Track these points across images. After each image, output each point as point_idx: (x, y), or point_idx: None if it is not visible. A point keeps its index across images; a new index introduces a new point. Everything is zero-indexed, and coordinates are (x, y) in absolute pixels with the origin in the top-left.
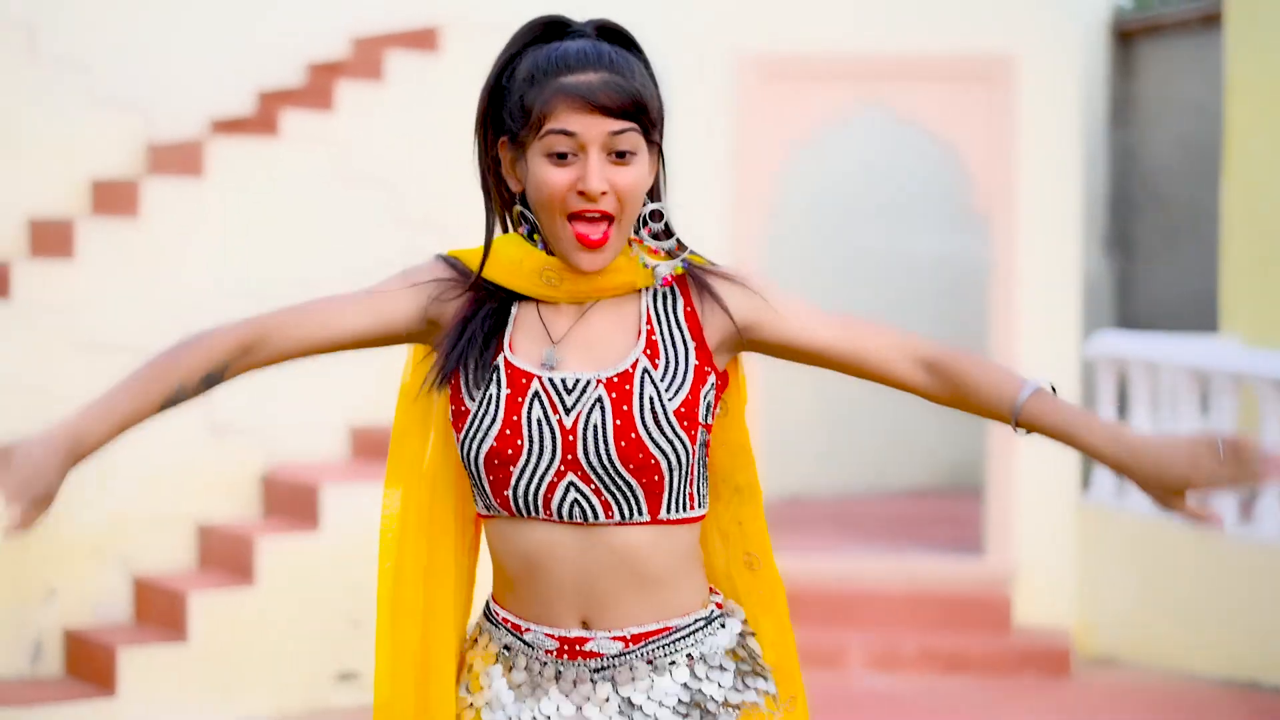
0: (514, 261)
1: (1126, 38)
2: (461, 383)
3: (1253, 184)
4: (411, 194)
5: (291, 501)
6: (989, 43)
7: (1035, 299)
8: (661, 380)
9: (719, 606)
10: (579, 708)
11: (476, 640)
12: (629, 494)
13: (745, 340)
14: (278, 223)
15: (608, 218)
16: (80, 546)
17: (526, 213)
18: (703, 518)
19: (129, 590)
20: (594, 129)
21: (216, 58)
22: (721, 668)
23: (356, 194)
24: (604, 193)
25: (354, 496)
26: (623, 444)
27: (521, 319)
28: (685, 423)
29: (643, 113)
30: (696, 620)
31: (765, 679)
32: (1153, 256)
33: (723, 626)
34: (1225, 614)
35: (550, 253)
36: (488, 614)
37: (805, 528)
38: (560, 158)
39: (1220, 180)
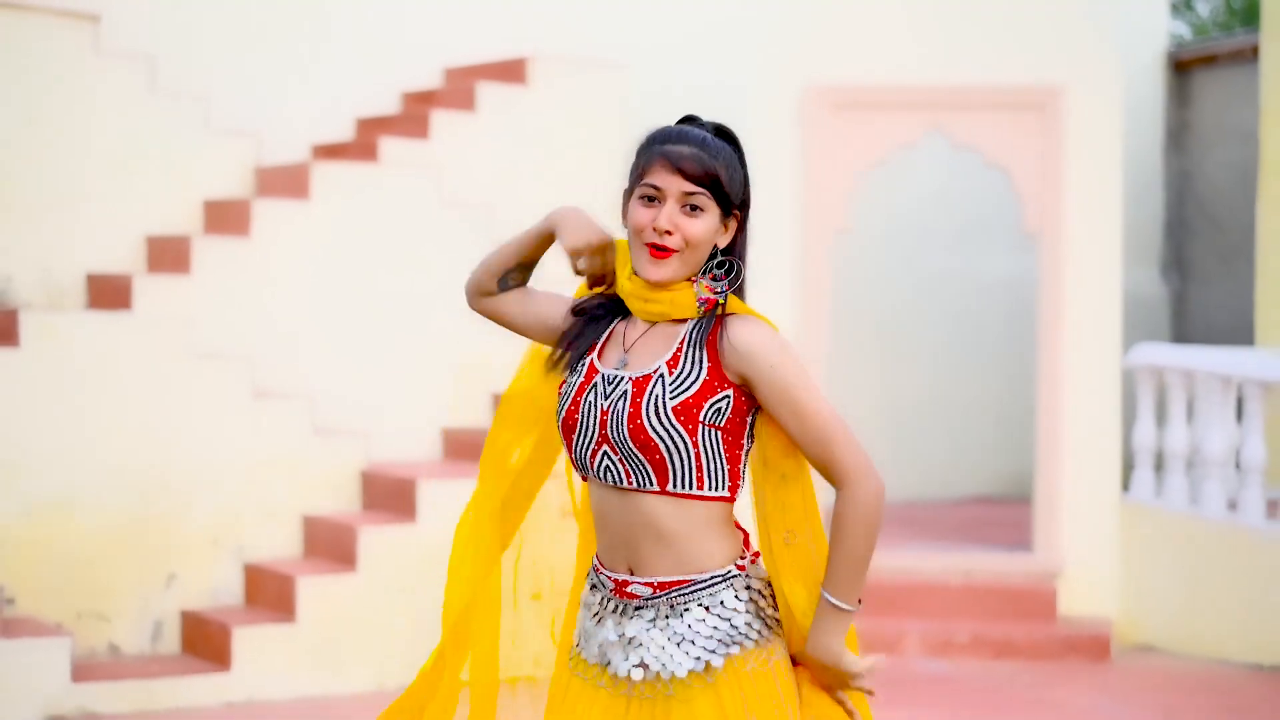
0: (623, 288)
1: (1183, 68)
2: (566, 368)
3: None
4: (504, 216)
5: (389, 496)
6: (1041, 74)
7: (1080, 313)
8: (671, 383)
9: (740, 569)
10: (621, 634)
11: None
12: (641, 467)
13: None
14: (378, 241)
15: (674, 250)
16: (197, 537)
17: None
18: (722, 500)
19: (241, 576)
20: (674, 186)
21: (319, 88)
22: (736, 611)
23: (452, 215)
24: (669, 232)
25: (447, 492)
26: (631, 427)
27: (614, 334)
28: (682, 418)
29: (716, 183)
30: (713, 577)
31: (768, 628)
32: (1208, 277)
33: (734, 583)
34: (1255, 604)
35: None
36: (594, 565)
37: None
38: (649, 200)
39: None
